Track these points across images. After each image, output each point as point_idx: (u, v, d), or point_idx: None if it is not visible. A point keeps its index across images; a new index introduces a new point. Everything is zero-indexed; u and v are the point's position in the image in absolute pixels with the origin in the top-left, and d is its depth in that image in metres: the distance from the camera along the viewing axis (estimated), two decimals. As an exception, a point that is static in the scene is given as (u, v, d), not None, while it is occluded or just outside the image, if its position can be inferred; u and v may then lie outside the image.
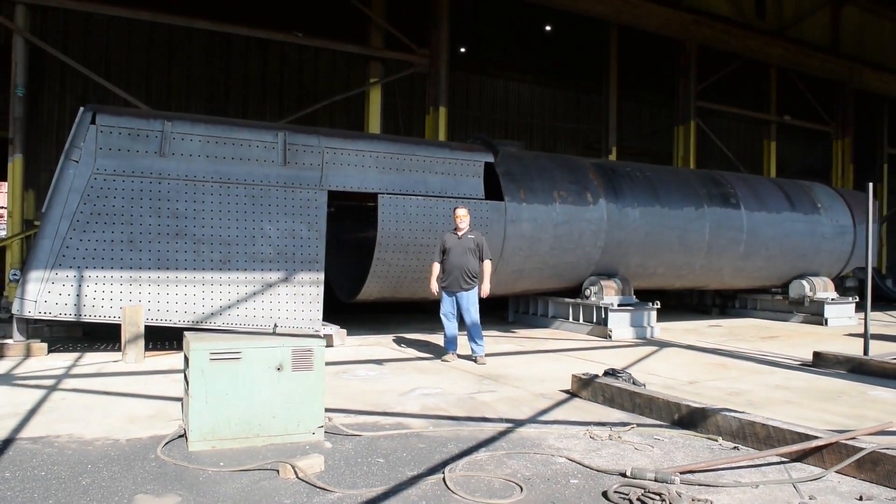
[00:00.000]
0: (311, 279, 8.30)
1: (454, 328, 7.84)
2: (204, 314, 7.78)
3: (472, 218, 8.22)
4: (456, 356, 7.77)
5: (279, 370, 4.31)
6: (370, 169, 9.02)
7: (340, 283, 10.60)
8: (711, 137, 17.34)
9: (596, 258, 10.82)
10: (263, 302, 8.05)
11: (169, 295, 7.70)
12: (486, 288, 7.81)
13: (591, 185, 10.82)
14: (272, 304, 8.08)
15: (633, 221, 11.02)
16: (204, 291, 7.83)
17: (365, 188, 8.99)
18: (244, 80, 15.34)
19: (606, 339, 10.00)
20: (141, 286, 7.62)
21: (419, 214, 9.21)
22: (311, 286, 8.29)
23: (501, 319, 11.86)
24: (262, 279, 8.09)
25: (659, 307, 10.72)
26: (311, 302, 8.25)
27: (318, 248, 8.40)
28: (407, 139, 10.50)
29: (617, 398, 5.47)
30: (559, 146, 19.57)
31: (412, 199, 9.21)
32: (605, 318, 10.30)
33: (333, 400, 5.41)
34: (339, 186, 8.79)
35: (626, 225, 10.94)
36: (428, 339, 9.45)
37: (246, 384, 4.25)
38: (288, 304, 8.14)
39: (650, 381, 6.24)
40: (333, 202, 9.66)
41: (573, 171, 10.96)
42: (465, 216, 7.82)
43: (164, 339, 8.40)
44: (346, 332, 8.87)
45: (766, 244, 12.59)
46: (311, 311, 8.23)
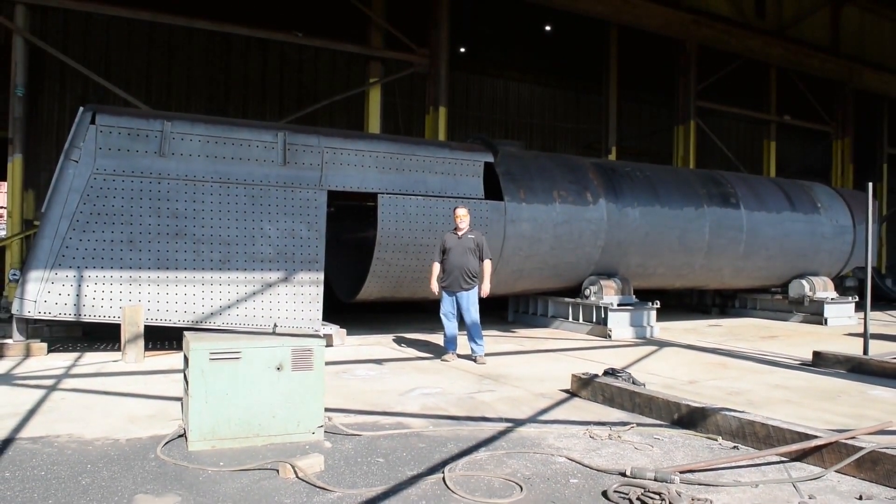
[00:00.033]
0: (310, 279, 8.30)
1: (454, 328, 7.84)
2: (204, 314, 7.78)
3: (471, 218, 8.22)
4: (456, 356, 7.77)
5: (279, 370, 4.32)
6: (370, 169, 9.03)
7: (340, 282, 10.60)
8: (711, 137, 17.34)
9: (596, 258, 10.83)
10: (263, 302, 8.05)
11: (169, 295, 7.70)
12: (486, 288, 7.81)
13: (590, 184, 10.82)
14: (272, 303, 8.08)
15: (632, 221, 11.02)
16: (204, 291, 7.83)
17: (365, 188, 8.99)
18: (244, 80, 15.33)
19: (606, 338, 10.00)
20: (141, 286, 7.62)
21: (419, 214, 9.21)
22: (310, 286, 8.29)
23: (501, 319, 11.87)
24: (261, 279, 8.09)
25: (659, 307, 10.72)
26: (310, 302, 8.25)
27: (317, 247, 8.40)
28: (407, 139, 10.50)
29: (617, 398, 5.48)
30: (559, 146, 19.56)
31: (412, 198, 9.21)
32: (604, 317, 10.30)
33: (333, 400, 5.41)
34: (338, 186, 8.79)
35: (625, 225, 10.94)
36: (428, 338, 9.45)
37: (246, 384, 4.25)
38: (288, 303, 8.14)
39: (650, 380, 6.25)
40: (333, 202, 9.67)
41: (573, 170, 10.96)
42: (465, 216, 7.82)
43: (163, 338, 8.40)
44: (345, 331, 8.88)
45: (765, 244, 12.59)
46: (310, 310, 8.23)
